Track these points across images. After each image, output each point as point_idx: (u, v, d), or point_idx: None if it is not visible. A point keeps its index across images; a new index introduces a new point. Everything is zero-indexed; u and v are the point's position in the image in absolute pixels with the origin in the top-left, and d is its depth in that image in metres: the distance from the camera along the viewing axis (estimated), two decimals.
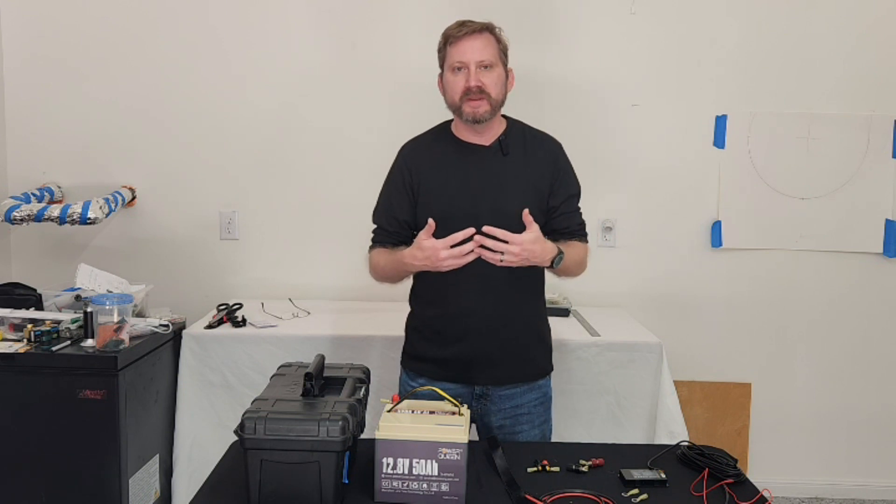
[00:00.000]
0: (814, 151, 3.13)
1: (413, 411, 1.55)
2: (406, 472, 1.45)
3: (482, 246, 1.72)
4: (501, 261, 1.72)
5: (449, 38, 1.87)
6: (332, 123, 3.10)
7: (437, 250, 1.73)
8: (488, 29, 1.88)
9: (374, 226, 2.00)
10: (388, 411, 1.54)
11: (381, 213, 1.99)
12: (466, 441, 1.45)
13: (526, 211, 1.76)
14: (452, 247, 1.72)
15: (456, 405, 1.57)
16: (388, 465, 1.46)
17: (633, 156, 3.14)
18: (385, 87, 3.08)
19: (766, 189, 3.15)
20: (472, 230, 1.72)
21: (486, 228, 1.71)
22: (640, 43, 3.09)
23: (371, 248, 2.00)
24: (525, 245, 1.72)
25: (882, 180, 3.14)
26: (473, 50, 1.84)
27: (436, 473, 1.45)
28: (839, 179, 3.14)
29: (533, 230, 1.74)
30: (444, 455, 1.44)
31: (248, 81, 3.09)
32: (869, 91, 3.11)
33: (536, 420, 1.99)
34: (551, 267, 1.82)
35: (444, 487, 1.45)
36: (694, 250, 3.18)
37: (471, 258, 1.73)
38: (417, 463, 1.45)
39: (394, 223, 1.95)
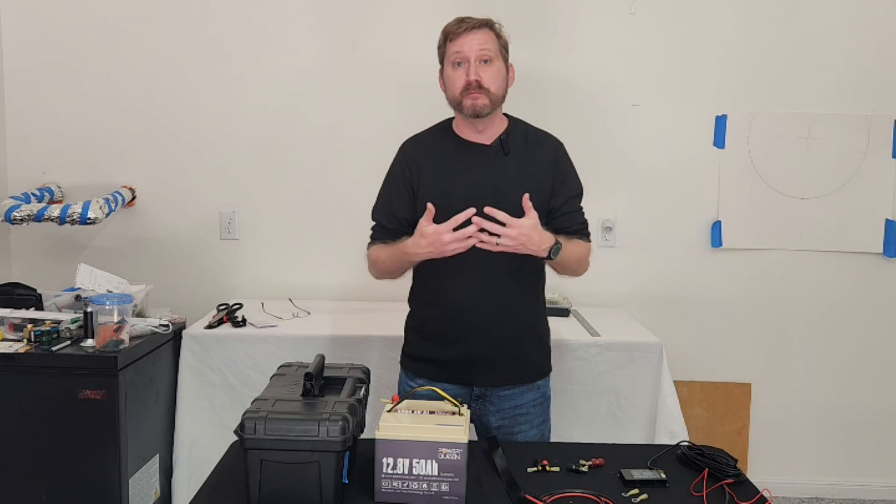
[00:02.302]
0: (814, 151, 3.13)
1: (413, 411, 1.55)
2: (406, 472, 1.45)
3: (481, 230, 1.69)
4: (497, 244, 1.69)
5: (449, 34, 1.87)
6: (332, 123, 3.10)
7: (439, 234, 1.71)
8: (488, 24, 1.87)
9: (374, 223, 2.00)
10: (388, 411, 1.54)
11: (381, 210, 1.98)
12: (466, 441, 1.45)
13: (526, 196, 1.73)
14: (455, 230, 1.70)
15: (456, 405, 1.57)
16: (388, 465, 1.45)
17: (633, 156, 3.14)
18: (386, 87, 3.08)
19: (766, 189, 3.15)
20: (472, 210, 1.70)
21: (487, 210, 1.69)
22: (640, 43, 3.09)
23: (369, 245, 1.99)
24: (523, 230, 1.70)
25: (882, 180, 3.14)
26: (473, 44, 1.83)
27: (436, 473, 1.45)
28: (839, 179, 3.14)
29: (532, 216, 1.72)
30: (444, 455, 1.44)
31: (248, 81, 3.09)
32: (869, 91, 3.11)
33: (535, 420, 1.99)
34: (548, 258, 1.79)
35: (444, 487, 1.45)
36: (694, 250, 3.18)
37: (474, 241, 1.70)
38: (417, 463, 1.45)
39: (393, 220, 1.94)
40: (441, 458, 1.44)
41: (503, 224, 1.69)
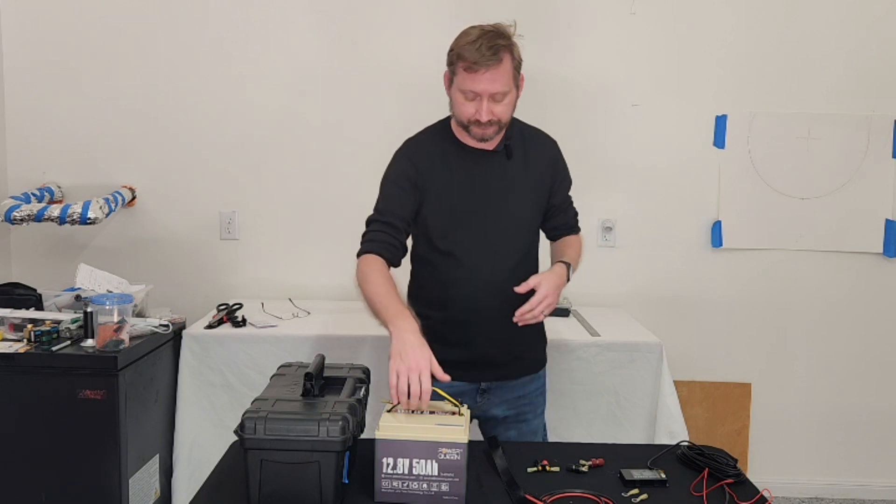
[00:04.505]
0: (814, 151, 3.13)
1: (413, 411, 1.55)
2: (406, 472, 1.45)
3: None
4: (543, 314, 1.80)
5: (462, 59, 1.74)
6: (332, 123, 3.10)
7: (416, 370, 1.52)
8: (508, 49, 1.75)
9: (372, 222, 1.89)
10: (388, 411, 1.54)
11: (385, 208, 1.86)
12: (466, 441, 1.46)
13: (523, 286, 1.79)
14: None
15: (456, 405, 1.57)
16: (388, 465, 1.45)
17: (633, 156, 3.13)
18: (385, 87, 3.08)
19: (766, 189, 3.15)
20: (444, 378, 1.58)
21: (517, 318, 1.79)
22: (640, 43, 3.09)
23: (363, 252, 1.84)
24: (549, 295, 1.80)
25: (882, 180, 3.14)
26: (488, 82, 1.73)
27: (436, 473, 1.45)
28: (839, 179, 3.14)
29: (541, 286, 1.79)
30: (444, 455, 1.44)
31: (248, 81, 3.09)
32: (869, 91, 3.11)
33: (539, 409, 2.04)
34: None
35: (445, 487, 1.45)
36: (694, 250, 3.18)
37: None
38: (417, 463, 1.45)
39: (399, 220, 1.86)
40: (441, 458, 1.44)
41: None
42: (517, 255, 1.90)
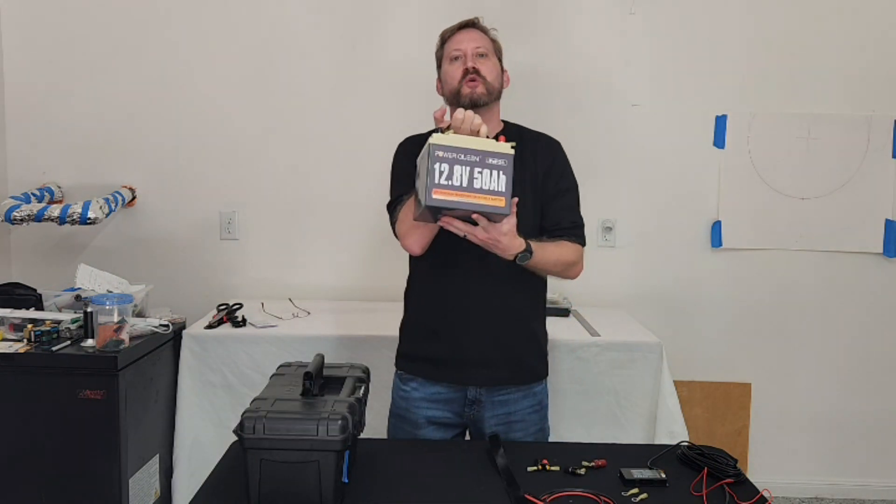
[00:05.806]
0: (814, 151, 3.13)
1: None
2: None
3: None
4: (465, 235, 1.64)
5: (445, 34, 1.95)
6: (332, 123, 3.10)
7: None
8: (484, 28, 1.95)
9: (394, 200, 1.91)
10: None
11: (401, 189, 1.87)
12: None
13: (514, 200, 1.64)
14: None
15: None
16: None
17: (633, 156, 3.14)
18: (386, 87, 3.08)
19: (766, 189, 3.15)
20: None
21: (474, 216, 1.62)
22: (640, 43, 3.09)
23: (393, 220, 1.89)
24: (491, 233, 1.63)
25: (882, 180, 3.14)
26: (469, 39, 1.90)
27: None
28: (839, 179, 3.14)
29: (510, 222, 1.65)
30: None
31: (248, 81, 3.09)
32: (869, 91, 3.11)
33: (531, 428, 1.96)
34: (514, 261, 1.72)
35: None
36: (694, 250, 3.18)
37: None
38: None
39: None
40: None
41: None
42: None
